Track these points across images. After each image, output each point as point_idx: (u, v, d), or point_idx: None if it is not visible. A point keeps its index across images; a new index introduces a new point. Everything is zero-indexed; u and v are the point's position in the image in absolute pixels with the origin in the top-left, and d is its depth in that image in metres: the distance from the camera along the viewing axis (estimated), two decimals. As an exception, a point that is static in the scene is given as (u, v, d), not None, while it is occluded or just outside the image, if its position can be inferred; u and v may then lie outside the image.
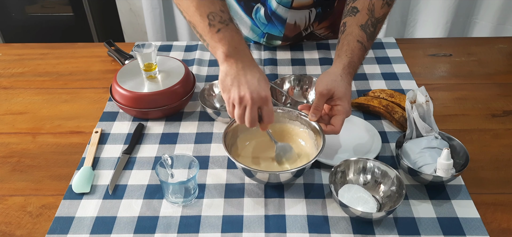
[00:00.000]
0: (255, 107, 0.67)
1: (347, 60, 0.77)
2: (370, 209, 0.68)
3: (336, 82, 0.74)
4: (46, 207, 0.72)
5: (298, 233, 0.66)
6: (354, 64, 0.78)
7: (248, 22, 1.11)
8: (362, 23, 0.79)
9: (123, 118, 0.91)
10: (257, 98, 0.67)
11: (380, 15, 0.80)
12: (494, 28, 1.98)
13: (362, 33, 0.79)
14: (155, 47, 0.90)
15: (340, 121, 0.73)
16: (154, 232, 0.67)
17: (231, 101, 0.69)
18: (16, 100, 0.99)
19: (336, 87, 0.73)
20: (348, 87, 0.75)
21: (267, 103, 0.68)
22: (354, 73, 0.78)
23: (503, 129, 0.87)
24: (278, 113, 0.80)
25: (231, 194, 0.73)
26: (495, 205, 0.71)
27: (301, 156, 0.77)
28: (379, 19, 0.80)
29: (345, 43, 0.79)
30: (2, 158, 0.83)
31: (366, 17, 0.79)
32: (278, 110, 0.80)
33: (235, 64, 0.68)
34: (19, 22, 2.27)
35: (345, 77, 0.75)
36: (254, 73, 0.69)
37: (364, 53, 0.80)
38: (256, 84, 0.68)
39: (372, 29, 0.79)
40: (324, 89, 0.73)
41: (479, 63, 1.09)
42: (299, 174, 0.71)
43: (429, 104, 0.76)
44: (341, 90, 0.73)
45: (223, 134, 0.74)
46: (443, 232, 0.66)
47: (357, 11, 0.80)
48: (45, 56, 1.17)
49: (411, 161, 0.74)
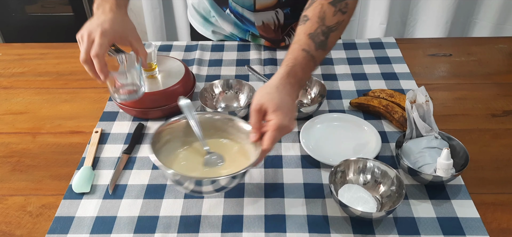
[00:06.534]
0: (89, 39, 0.72)
1: (287, 69, 0.71)
2: (370, 209, 0.68)
3: (269, 95, 0.67)
4: (46, 207, 0.72)
5: (298, 233, 0.66)
6: (295, 73, 0.71)
7: (231, 18, 1.12)
8: (311, 32, 0.74)
9: (123, 118, 0.91)
10: (92, 31, 0.72)
11: (332, 23, 0.74)
12: (494, 28, 1.98)
13: (309, 42, 0.73)
14: (155, 47, 0.90)
15: (268, 138, 0.65)
16: (154, 232, 0.67)
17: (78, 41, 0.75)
18: (16, 100, 0.99)
19: (268, 100, 0.66)
20: (286, 98, 0.68)
21: (98, 36, 0.72)
22: (298, 83, 0.72)
23: (503, 129, 0.87)
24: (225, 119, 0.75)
25: (231, 194, 0.73)
26: (495, 205, 0.71)
27: (235, 160, 0.71)
28: (331, 27, 0.74)
29: (289, 51, 0.74)
30: (2, 158, 0.83)
31: (316, 25, 0.74)
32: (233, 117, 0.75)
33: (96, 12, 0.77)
34: (19, 22, 2.28)
35: (282, 88, 0.69)
36: (101, 17, 0.75)
37: (311, 62, 0.73)
38: (96, 22, 0.73)
39: (322, 38, 0.74)
40: (256, 104, 0.67)
41: (479, 63, 1.09)
42: (223, 187, 0.66)
43: (429, 104, 0.76)
44: (274, 103, 0.66)
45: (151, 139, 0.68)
46: (443, 232, 0.66)
47: (307, 19, 0.75)
48: (45, 56, 1.17)
49: (411, 161, 0.74)
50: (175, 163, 0.70)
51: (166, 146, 0.71)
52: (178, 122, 0.73)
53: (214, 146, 0.73)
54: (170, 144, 0.72)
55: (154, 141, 0.67)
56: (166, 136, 0.71)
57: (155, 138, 0.68)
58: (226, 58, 1.12)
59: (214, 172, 0.70)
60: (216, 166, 0.70)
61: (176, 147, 0.73)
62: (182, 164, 0.71)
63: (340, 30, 0.77)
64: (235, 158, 0.72)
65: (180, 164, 0.71)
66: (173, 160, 0.71)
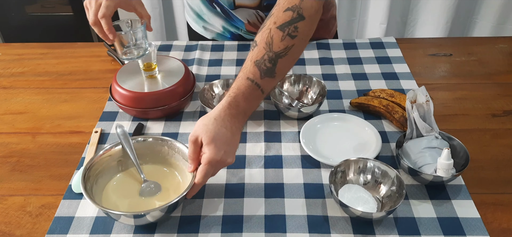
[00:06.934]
0: (97, 3, 0.79)
1: (229, 100, 0.69)
2: (370, 209, 0.68)
3: (205, 127, 0.66)
4: (46, 207, 0.72)
5: (298, 233, 0.66)
6: (237, 104, 0.69)
7: (221, 14, 1.12)
8: (257, 59, 0.70)
9: (123, 118, 0.91)
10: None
11: (280, 49, 0.70)
12: (494, 28, 1.98)
13: (254, 70, 0.70)
14: (155, 47, 0.90)
15: (200, 172, 0.65)
16: (153, 232, 0.67)
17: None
18: (16, 100, 0.99)
19: (204, 132, 0.66)
20: (222, 130, 0.66)
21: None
22: (242, 114, 0.70)
23: (503, 129, 0.87)
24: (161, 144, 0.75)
25: (231, 194, 0.73)
26: (495, 205, 0.71)
27: (169, 190, 0.72)
28: (279, 54, 0.70)
29: (235, 80, 0.72)
30: (2, 158, 0.82)
31: (263, 51, 0.70)
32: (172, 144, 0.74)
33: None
34: (19, 22, 2.27)
35: (220, 120, 0.67)
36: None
37: (256, 91, 0.70)
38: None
39: (269, 65, 0.70)
40: (192, 135, 0.67)
41: (479, 63, 1.09)
42: (170, 210, 0.66)
43: (429, 104, 0.76)
44: (209, 135, 0.65)
45: (83, 171, 0.68)
46: (443, 232, 0.66)
47: (255, 45, 0.72)
48: (45, 56, 1.17)
49: (411, 161, 0.74)
50: (110, 191, 0.71)
51: (102, 174, 0.71)
52: (115, 148, 0.73)
53: (152, 172, 0.74)
54: (106, 171, 0.72)
55: (86, 171, 0.68)
56: (102, 164, 0.72)
57: (87, 168, 0.68)
58: (226, 58, 1.12)
59: (149, 202, 0.69)
60: (151, 196, 0.70)
61: (113, 174, 0.73)
62: (116, 193, 0.71)
63: (290, 56, 0.71)
64: (172, 185, 0.72)
65: (114, 192, 0.71)
66: (108, 189, 0.71)
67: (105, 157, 0.72)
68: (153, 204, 0.69)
